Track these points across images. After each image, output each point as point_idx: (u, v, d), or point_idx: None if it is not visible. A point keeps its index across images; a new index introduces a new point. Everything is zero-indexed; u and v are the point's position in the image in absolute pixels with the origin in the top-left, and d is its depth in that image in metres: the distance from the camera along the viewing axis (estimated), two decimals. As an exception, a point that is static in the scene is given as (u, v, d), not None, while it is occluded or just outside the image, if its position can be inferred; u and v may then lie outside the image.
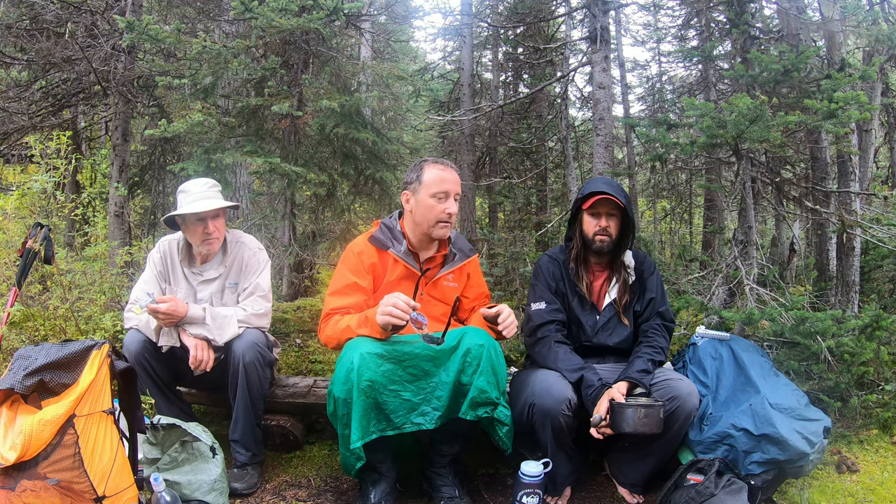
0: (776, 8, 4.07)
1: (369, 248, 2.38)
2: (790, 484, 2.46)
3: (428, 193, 2.30)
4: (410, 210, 2.36)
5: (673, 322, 2.56)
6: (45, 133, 5.12)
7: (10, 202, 3.68)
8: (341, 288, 2.34)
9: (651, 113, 8.24)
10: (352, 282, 2.33)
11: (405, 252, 2.37)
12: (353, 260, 2.37)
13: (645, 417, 2.09)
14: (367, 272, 2.36)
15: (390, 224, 2.44)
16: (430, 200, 2.30)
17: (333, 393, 2.08)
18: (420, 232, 2.38)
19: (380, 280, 2.37)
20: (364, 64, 4.49)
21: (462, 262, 2.48)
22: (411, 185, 2.35)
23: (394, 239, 2.39)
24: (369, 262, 2.36)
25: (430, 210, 2.31)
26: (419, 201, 2.32)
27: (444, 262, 2.46)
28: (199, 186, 2.56)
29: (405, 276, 2.36)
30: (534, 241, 5.79)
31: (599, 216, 2.47)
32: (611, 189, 2.43)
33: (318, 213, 4.53)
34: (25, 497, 1.77)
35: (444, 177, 2.31)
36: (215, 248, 2.62)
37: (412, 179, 2.35)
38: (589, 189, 2.48)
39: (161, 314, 2.35)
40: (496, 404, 2.12)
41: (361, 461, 2.09)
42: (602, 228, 2.46)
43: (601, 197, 2.42)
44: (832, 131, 3.20)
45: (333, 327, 2.27)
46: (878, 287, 4.29)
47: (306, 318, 4.11)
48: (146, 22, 3.63)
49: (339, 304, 2.31)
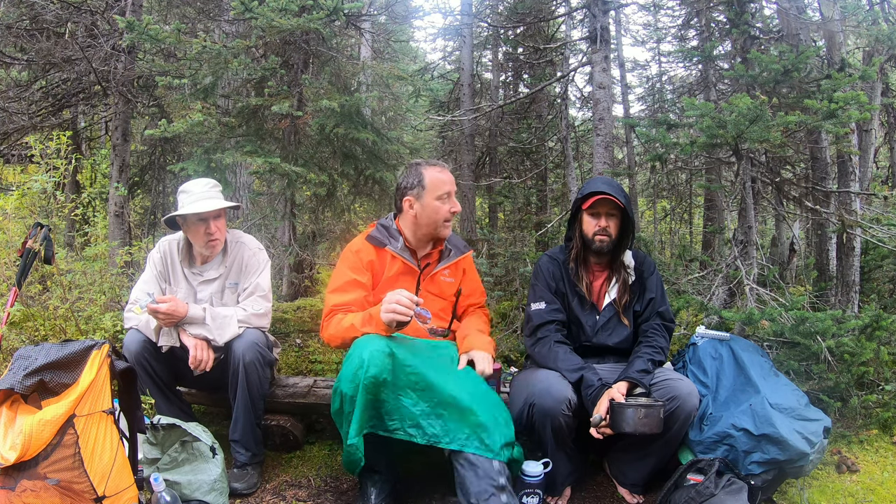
0: (776, 8, 4.07)
1: (367, 247, 2.43)
2: (790, 484, 2.46)
3: (433, 197, 2.37)
4: (415, 214, 2.41)
5: (673, 322, 2.55)
6: (45, 133, 5.12)
7: (10, 202, 3.68)
8: (341, 285, 2.37)
9: (651, 113, 8.24)
10: (351, 279, 2.37)
11: (402, 248, 2.42)
12: (352, 258, 2.41)
13: (645, 417, 2.09)
14: (366, 269, 2.40)
15: (386, 224, 2.49)
16: (437, 203, 2.38)
17: (340, 389, 2.09)
18: (423, 233, 2.44)
19: (378, 277, 2.41)
20: (364, 64, 4.49)
21: (457, 258, 2.54)
22: (412, 190, 2.39)
23: (391, 237, 2.44)
24: (367, 259, 2.41)
25: (438, 212, 2.39)
26: (425, 205, 2.38)
27: (439, 258, 2.52)
28: (200, 187, 2.56)
29: (403, 271, 2.41)
30: (534, 241, 5.78)
31: (599, 216, 2.47)
32: (610, 189, 2.43)
33: (318, 213, 4.53)
34: (25, 497, 1.77)
35: (444, 178, 2.40)
36: (217, 248, 2.62)
37: (413, 185, 2.39)
38: (589, 189, 2.49)
39: (161, 314, 2.35)
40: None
41: (361, 459, 2.09)
42: (602, 228, 2.46)
43: (601, 197, 2.42)
44: (832, 131, 3.19)
45: (336, 326, 2.29)
46: (878, 287, 4.29)
47: (306, 318, 4.11)
48: (146, 22, 3.63)
49: (340, 301, 2.34)
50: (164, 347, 2.46)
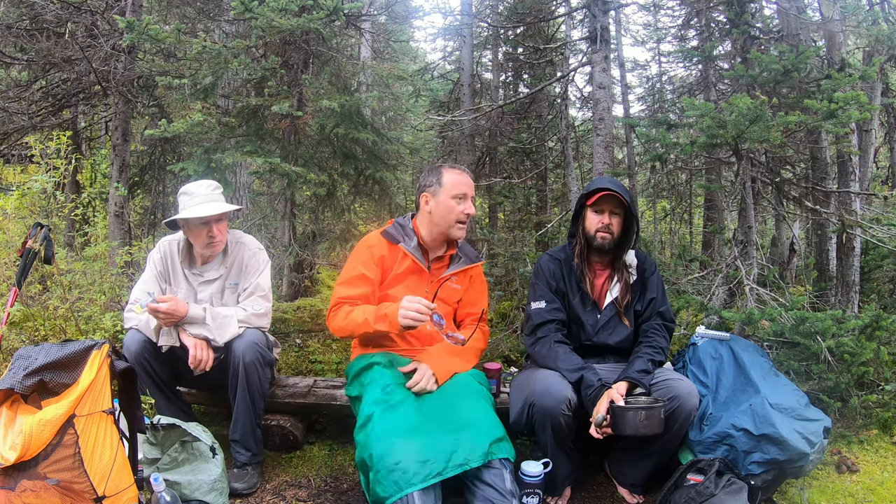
0: (776, 8, 4.07)
1: (381, 242, 2.51)
2: (790, 484, 2.46)
3: (448, 195, 2.44)
4: (429, 211, 2.48)
5: (673, 322, 2.56)
6: (45, 133, 5.12)
7: (10, 202, 3.68)
8: (350, 279, 2.45)
9: (651, 113, 8.24)
10: (360, 273, 2.44)
11: (415, 247, 2.49)
12: (365, 253, 2.48)
13: (646, 419, 2.09)
14: (377, 264, 2.47)
15: (403, 222, 2.57)
16: (451, 202, 2.44)
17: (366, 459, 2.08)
18: (438, 231, 2.50)
19: (388, 272, 2.48)
20: (364, 64, 4.49)
21: (466, 266, 2.58)
22: (430, 187, 2.47)
23: (406, 235, 2.52)
24: (379, 254, 2.48)
25: (451, 211, 2.45)
26: (439, 202, 2.45)
27: (450, 262, 2.57)
28: (202, 189, 2.56)
29: (412, 270, 2.48)
30: (534, 241, 5.78)
31: (603, 213, 2.48)
32: (615, 187, 2.45)
33: (318, 213, 4.53)
34: (25, 497, 1.77)
35: (462, 180, 2.47)
36: (218, 250, 2.62)
37: (431, 182, 2.48)
38: (594, 186, 2.50)
39: (161, 314, 2.35)
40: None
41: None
42: (605, 225, 2.46)
43: (606, 193, 2.43)
44: (832, 131, 3.19)
45: (345, 318, 2.37)
46: (878, 287, 4.28)
47: (306, 318, 4.11)
48: (146, 22, 3.63)
49: (348, 294, 2.42)
50: (164, 347, 2.46)
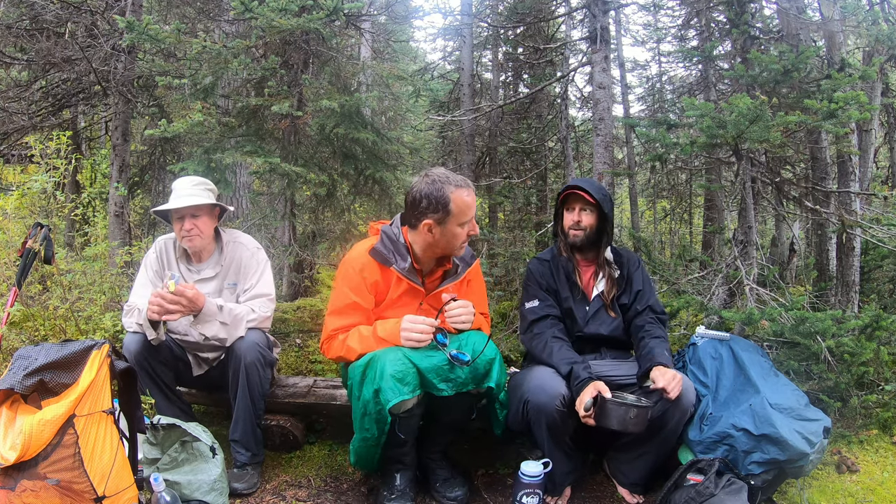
0: (776, 8, 4.07)
1: (371, 264, 2.28)
2: (790, 484, 2.46)
3: (457, 223, 2.21)
4: (433, 238, 2.24)
5: (665, 314, 2.60)
6: (45, 133, 5.12)
7: (10, 202, 3.68)
8: (342, 308, 2.29)
9: (651, 113, 8.25)
10: (352, 301, 2.28)
11: (409, 270, 2.28)
12: (356, 278, 2.28)
13: (635, 417, 2.11)
14: (370, 291, 2.29)
15: (393, 236, 2.31)
16: (458, 229, 2.23)
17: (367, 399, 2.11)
18: (439, 252, 2.31)
19: (382, 296, 2.32)
20: (364, 64, 4.48)
21: (463, 275, 2.42)
22: (435, 214, 2.18)
23: (397, 253, 2.28)
24: (372, 280, 2.28)
25: (457, 237, 2.25)
26: (446, 231, 2.22)
27: (444, 276, 2.40)
28: (186, 184, 2.58)
29: (407, 292, 2.32)
30: (534, 241, 5.79)
31: (573, 210, 2.58)
32: (584, 184, 2.55)
33: (318, 213, 4.53)
34: (25, 497, 1.77)
35: (470, 202, 2.23)
36: (195, 244, 2.60)
37: (437, 208, 2.17)
38: (565, 185, 2.65)
39: (185, 299, 2.33)
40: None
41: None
42: (575, 223, 2.57)
43: (572, 192, 2.56)
44: (832, 131, 3.19)
45: (342, 348, 2.24)
46: (878, 287, 4.28)
47: (306, 318, 4.11)
48: (146, 22, 3.62)
49: (341, 325, 2.28)
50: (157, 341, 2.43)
